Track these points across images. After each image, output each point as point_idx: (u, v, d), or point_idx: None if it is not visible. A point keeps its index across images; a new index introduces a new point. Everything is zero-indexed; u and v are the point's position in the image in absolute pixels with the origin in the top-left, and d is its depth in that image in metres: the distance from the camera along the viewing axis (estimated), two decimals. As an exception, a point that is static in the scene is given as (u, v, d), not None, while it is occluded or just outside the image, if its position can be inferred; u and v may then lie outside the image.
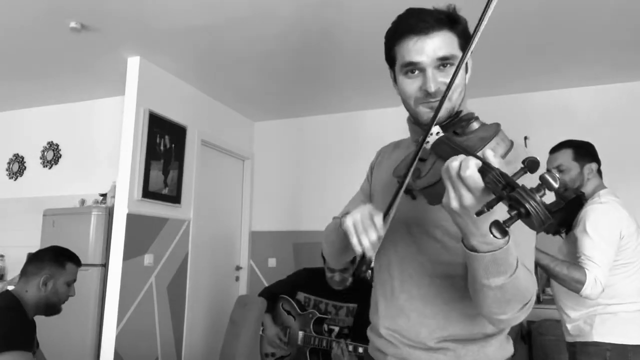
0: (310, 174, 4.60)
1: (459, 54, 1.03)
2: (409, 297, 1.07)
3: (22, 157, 4.56)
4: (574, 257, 1.94)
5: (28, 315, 1.80)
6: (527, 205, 0.66)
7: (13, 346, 1.60)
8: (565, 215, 2.02)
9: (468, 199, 0.74)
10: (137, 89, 3.37)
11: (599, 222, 1.88)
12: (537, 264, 1.87)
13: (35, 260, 1.89)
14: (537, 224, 0.67)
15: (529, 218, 0.67)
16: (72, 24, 2.87)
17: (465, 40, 1.05)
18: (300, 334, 2.63)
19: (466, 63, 1.08)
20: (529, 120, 3.97)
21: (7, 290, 1.83)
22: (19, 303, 1.78)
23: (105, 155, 4.06)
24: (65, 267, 1.90)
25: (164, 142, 3.59)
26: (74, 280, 1.95)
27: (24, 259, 4.49)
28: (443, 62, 1.02)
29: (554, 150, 2.13)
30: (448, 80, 0.92)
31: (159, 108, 3.55)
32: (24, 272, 1.87)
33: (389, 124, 3.09)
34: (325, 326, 2.64)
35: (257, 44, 3.18)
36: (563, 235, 2.13)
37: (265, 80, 3.86)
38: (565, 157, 2.05)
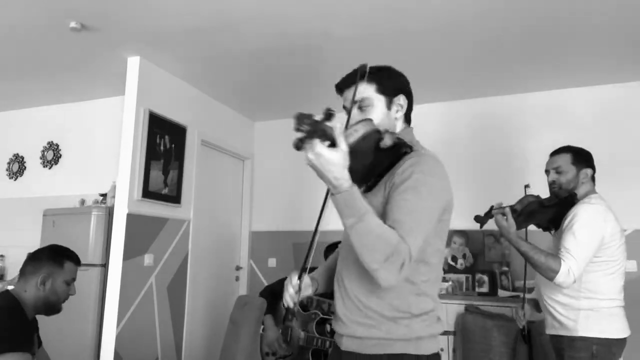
0: (310, 174, 4.58)
1: (374, 97, 1.33)
2: (349, 285, 1.30)
3: (22, 157, 4.56)
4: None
5: (27, 315, 1.79)
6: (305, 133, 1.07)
7: (11, 347, 1.59)
8: (556, 211, 2.16)
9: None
10: (137, 89, 3.37)
11: (585, 220, 2.01)
12: (517, 250, 2.06)
13: (33, 259, 1.88)
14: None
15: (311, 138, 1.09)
16: (72, 24, 2.87)
17: (380, 85, 1.34)
18: (302, 334, 2.62)
19: (390, 100, 1.34)
20: (528, 120, 3.97)
21: (7, 290, 1.82)
22: (18, 303, 1.77)
23: (105, 155, 4.06)
24: (63, 266, 1.88)
25: (164, 142, 3.59)
26: (74, 279, 1.92)
27: (24, 259, 4.49)
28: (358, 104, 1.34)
29: (555, 153, 2.25)
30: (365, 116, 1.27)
31: (159, 108, 3.55)
32: (23, 272, 1.85)
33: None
34: (328, 327, 2.63)
35: (257, 43, 3.18)
36: (552, 232, 2.26)
37: (265, 81, 3.86)
38: (564, 160, 2.18)
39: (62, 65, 3.54)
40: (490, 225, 2.14)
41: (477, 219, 2.22)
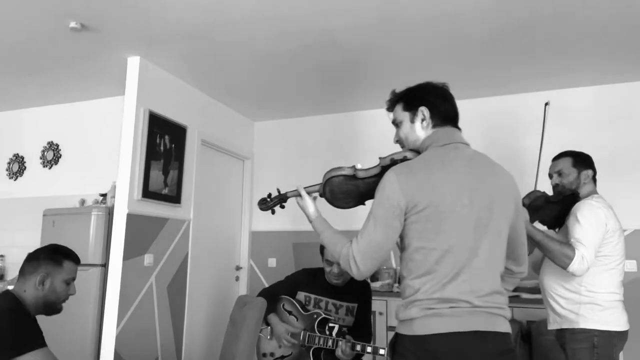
0: (310, 174, 4.59)
1: (402, 116, 1.59)
2: None
3: (22, 157, 4.56)
4: None
5: (31, 313, 1.79)
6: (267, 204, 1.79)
7: (26, 348, 1.60)
8: (560, 209, 2.26)
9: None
10: (137, 89, 3.37)
11: (589, 212, 2.13)
12: (532, 239, 2.08)
13: (32, 259, 1.86)
14: (262, 207, 1.81)
15: (265, 204, 1.81)
16: (72, 24, 2.87)
17: (404, 103, 1.58)
18: (304, 333, 2.62)
19: (413, 114, 1.55)
20: (527, 120, 3.97)
21: (8, 290, 1.82)
22: (19, 303, 1.76)
23: (105, 155, 4.06)
24: (62, 265, 1.86)
25: (164, 142, 3.59)
26: (73, 279, 1.91)
27: (24, 259, 4.48)
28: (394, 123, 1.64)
29: (556, 158, 2.38)
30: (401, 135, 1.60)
31: (159, 108, 3.55)
32: (22, 272, 1.84)
33: (389, 124, 3.08)
34: (327, 325, 2.63)
35: (257, 44, 3.18)
36: (557, 230, 2.36)
37: (265, 81, 3.86)
38: (566, 164, 2.31)
39: (62, 65, 3.54)
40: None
41: None
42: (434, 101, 1.53)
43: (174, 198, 3.67)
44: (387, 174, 1.41)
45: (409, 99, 1.56)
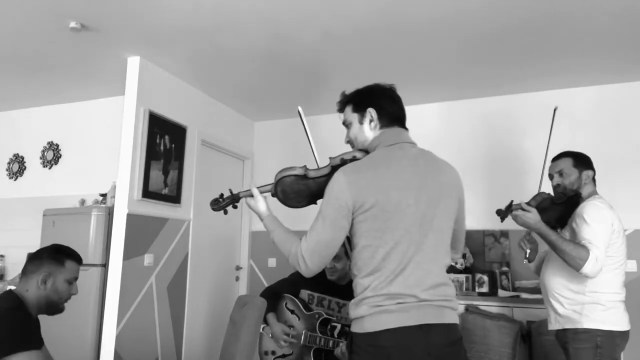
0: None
1: (351, 117, 1.64)
2: None
3: (22, 157, 4.56)
4: None
5: (32, 314, 1.79)
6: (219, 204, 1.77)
7: (22, 347, 1.59)
8: (563, 210, 2.27)
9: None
10: (137, 89, 3.37)
11: (596, 213, 2.13)
12: (546, 239, 2.11)
13: (35, 258, 1.87)
14: (214, 207, 1.77)
15: (217, 204, 1.77)
16: (72, 24, 2.88)
17: (353, 105, 1.64)
18: (305, 333, 2.62)
19: (362, 116, 1.60)
20: (527, 120, 3.97)
21: (10, 290, 1.82)
22: (21, 302, 1.77)
23: (105, 155, 4.06)
24: (64, 265, 1.86)
25: (164, 142, 3.59)
26: (76, 278, 1.91)
27: (24, 259, 4.44)
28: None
29: (556, 158, 2.39)
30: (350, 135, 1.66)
31: (159, 108, 3.55)
32: (24, 271, 1.85)
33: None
34: (329, 325, 2.63)
35: (257, 44, 3.18)
36: (559, 230, 2.34)
37: (265, 81, 3.86)
38: (566, 164, 2.32)
39: (62, 65, 3.54)
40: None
41: (499, 212, 2.25)
42: (382, 103, 1.59)
43: (174, 198, 3.67)
44: (335, 174, 1.46)
45: (358, 101, 1.62)
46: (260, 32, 3.02)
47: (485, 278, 3.71)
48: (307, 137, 1.79)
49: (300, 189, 1.62)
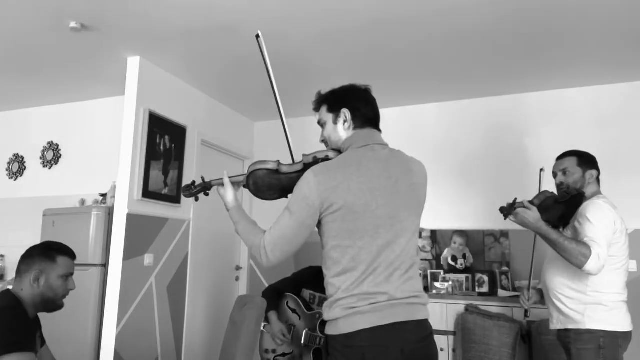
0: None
1: (326, 117, 1.66)
2: None
3: (22, 157, 4.56)
4: None
5: (29, 313, 1.78)
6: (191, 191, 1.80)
7: (13, 348, 1.58)
8: (566, 209, 2.26)
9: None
10: (137, 89, 3.37)
11: (599, 212, 2.12)
12: (546, 238, 2.11)
13: (26, 257, 1.86)
14: (185, 193, 1.83)
15: (189, 191, 1.81)
16: (72, 24, 2.87)
17: (328, 105, 1.66)
18: (306, 333, 2.62)
19: (336, 116, 1.62)
20: (528, 120, 3.97)
21: (8, 290, 1.81)
22: (18, 302, 1.76)
23: (105, 155, 4.06)
24: (56, 261, 1.85)
25: (164, 142, 3.59)
26: (71, 274, 1.89)
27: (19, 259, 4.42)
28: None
29: (561, 157, 2.38)
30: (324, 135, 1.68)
31: (159, 108, 3.55)
32: (18, 271, 1.84)
33: (389, 125, 3.08)
34: None
35: (257, 43, 3.17)
36: (561, 229, 2.34)
37: (265, 80, 3.84)
38: (571, 163, 2.31)
39: (62, 65, 3.54)
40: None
41: (502, 210, 2.21)
42: (356, 104, 1.61)
43: (174, 198, 3.67)
44: (306, 173, 1.48)
45: (333, 101, 1.64)
46: (260, 32, 3.01)
47: (485, 278, 3.71)
48: (282, 120, 1.76)
49: (272, 183, 1.63)
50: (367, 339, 1.36)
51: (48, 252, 1.87)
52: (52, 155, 4.40)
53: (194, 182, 1.83)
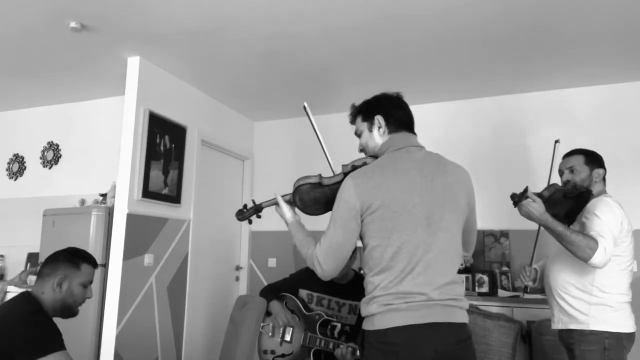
0: (310, 174, 4.59)
1: (361, 126, 1.72)
2: None
3: (22, 157, 4.56)
4: None
5: (49, 315, 1.80)
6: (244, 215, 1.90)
7: (52, 348, 1.62)
8: (572, 205, 2.23)
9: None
10: (137, 89, 3.37)
11: (607, 209, 2.10)
12: (553, 231, 2.05)
13: (51, 261, 1.87)
14: (239, 217, 1.93)
15: (242, 215, 1.92)
16: (72, 24, 2.88)
17: (362, 114, 1.72)
18: (305, 334, 2.62)
19: (371, 123, 1.68)
20: (528, 120, 3.97)
21: (28, 292, 1.81)
22: (40, 304, 1.77)
23: (105, 155, 4.06)
24: (80, 268, 1.87)
25: (164, 142, 3.59)
26: (91, 282, 1.92)
27: (24, 259, 4.44)
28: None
29: (568, 155, 2.36)
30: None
31: (159, 108, 3.55)
32: (40, 273, 1.85)
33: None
34: (329, 325, 2.63)
35: (257, 43, 3.18)
36: (567, 226, 2.28)
37: (265, 81, 3.86)
38: (578, 161, 2.29)
39: (62, 65, 3.54)
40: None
41: (514, 196, 2.13)
42: (389, 109, 1.67)
43: (174, 198, 3.67)
44: (345, 180, 1.55)
45: (366, 110, 1.71)
46: (261, 32, 3.02)
47: (485, 278, 3.71)
48: (316, 133, 1.85)
49: (317, 197, 1.70)
50: (401, 337, 1.39)
51: (73, 258, 1.89)
52: (52, 155, 4.39)
53: (245, 205, 1.92)
